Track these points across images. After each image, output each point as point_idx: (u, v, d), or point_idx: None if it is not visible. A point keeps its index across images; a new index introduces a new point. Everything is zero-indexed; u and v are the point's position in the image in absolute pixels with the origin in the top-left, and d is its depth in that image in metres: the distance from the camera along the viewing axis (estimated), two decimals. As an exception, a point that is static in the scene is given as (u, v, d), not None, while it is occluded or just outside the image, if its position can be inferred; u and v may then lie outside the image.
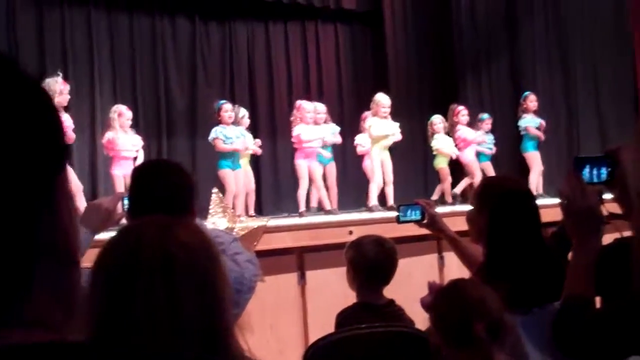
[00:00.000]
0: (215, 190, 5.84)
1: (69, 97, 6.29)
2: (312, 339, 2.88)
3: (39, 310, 0.65)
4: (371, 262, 2.78)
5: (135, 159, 6.58)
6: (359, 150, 7.85)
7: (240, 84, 8.81)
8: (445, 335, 1.94)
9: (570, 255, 1.87)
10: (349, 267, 2.82)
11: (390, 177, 7.49)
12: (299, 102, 7.44)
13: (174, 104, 8.35)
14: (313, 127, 7.23)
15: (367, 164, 7.76)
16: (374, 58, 9.56)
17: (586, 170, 1.81)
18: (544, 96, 9.03)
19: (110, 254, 1.20)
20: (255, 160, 7.98)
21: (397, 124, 7.62)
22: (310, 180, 7.12)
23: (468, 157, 8.12)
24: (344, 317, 2.74)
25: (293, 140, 7.23)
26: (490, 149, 8.40)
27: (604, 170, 1.81)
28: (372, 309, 2.70)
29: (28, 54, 7.37)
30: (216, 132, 6.79)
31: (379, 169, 7.39)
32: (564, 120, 9.52)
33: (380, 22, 9.31)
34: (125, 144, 6.60)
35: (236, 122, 7.03)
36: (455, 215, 5.21)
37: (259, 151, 7.59)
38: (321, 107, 7.46)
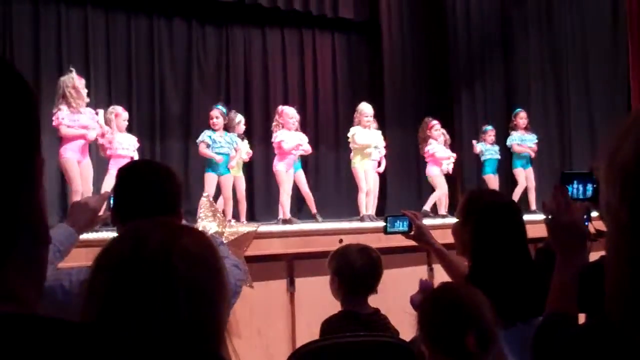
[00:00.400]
0: (205, 194, 5.83)
1: (86, 90, 6.27)
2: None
3: (11, 285, 0.68)
4: (358, 271, 2.76)
5: (132, 159, 6.55)
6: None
7: (235, 89, 8.81)
8: (431, 338, 1.92)
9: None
10: (334, 276, 2.81)
11: (371, 187, 7.45)
12: (281, 108, 7.38)
13: (168, 107, 8.34)
14: (294, 133, 7.19)
15: (434, 172, 7.92)
16: (370, 68, 9.59)
17: (573, 186, 1.81)
18: (536, 111, 9.05)
19: (113, 255, 1.19)
20: (248, 166, 7.97)
21: (380, 132, 7.61)
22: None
23: (433, 171, 8.04)
24: (329, 325, 2.73)
25: (274, 145, 7.20)
26: (496, 159, 8.40)
27: (589, 187, 1.81)
28: (356, 317, 2.69)
29: (23, 52, 7.36)
30: (203, 136, 6.76)
31: (364, 178, 7.38)
32: (556, 135, 9.56)
33: (377, 33, 9.34)
34: (123, 144, 6.59)
35: (231, 128, 7.00)
36: (445, 227, 5.21)
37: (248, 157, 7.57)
38: (295, 115, 7.38)
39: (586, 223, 1.88)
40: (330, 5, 8.98)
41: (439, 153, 8.02)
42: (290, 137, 7.10)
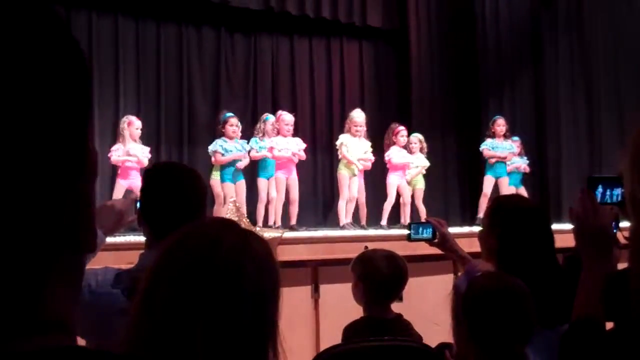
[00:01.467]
0: (232, 199, 5.87)
1: None
2: (324, 352, 2.87)
3: (54, 305, 0.56)
4: (384, 277, 2.75)
5: (142, 169, 6.57)
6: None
7: (263, 96, 8.84)
8: (472, 327, 1.89)
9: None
10: (358, 281, 2.80)
11: (355, 195, 7.37)
12: (279, 112, 7.39)
13: (196, 114, 8.40)
14: (289, 139, 7.20)
15: (390, 181, 7.74)
16: (397, 77, 9.57)
17: (599, 191, 1.78)
18: (566, 118, 8.93)
19: (182, 255, 1.17)
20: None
21: (369, 143, 7.55)
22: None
23: (391, 179, 7.78)
24: (351, 330, 2.73)
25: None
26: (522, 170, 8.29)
27: (617, 191, 1.78)
28: (380, 322, 2.68)
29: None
30: (216, 145, 6.78)
31: (347, 186, 7.33)
32: (586, 142, 9.44)
33: (405, 42, 9.33)
34: (131, 153, 6.65)
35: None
36: (471, 236, 5.17)
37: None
38: (292, 121, 7.38)
39: (614, 230, 1.85)
40: (358, 14, 8.99)
41: (395, 159, 7.75)
42: (284, 143, 7.12)
